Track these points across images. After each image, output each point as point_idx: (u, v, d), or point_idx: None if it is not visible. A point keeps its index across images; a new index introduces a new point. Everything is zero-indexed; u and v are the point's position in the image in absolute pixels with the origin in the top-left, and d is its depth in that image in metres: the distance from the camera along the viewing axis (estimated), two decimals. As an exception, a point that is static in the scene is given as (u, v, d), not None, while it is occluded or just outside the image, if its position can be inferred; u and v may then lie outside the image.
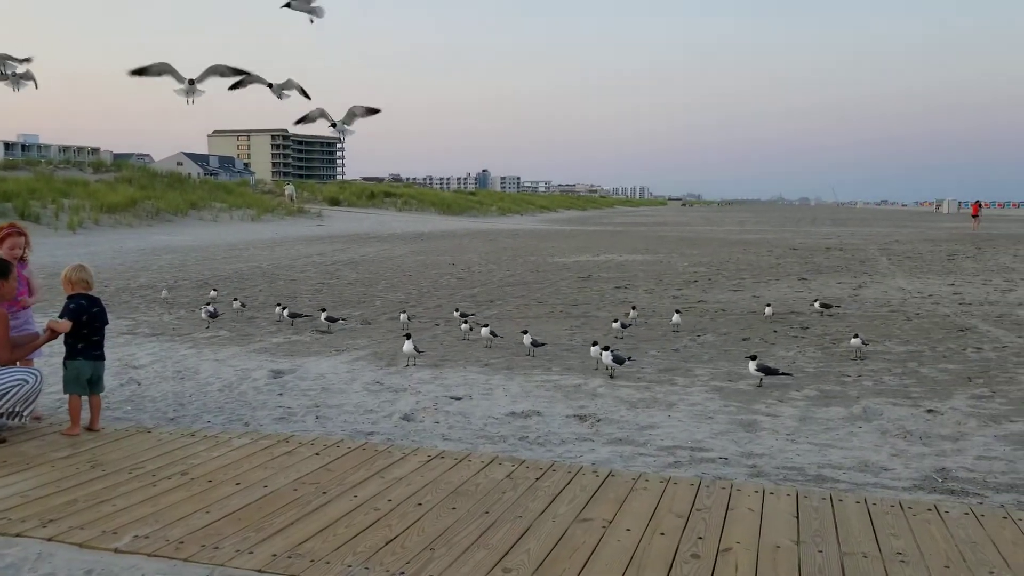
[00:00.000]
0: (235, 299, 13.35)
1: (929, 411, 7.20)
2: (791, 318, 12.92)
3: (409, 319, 12.08)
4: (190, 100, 7.75)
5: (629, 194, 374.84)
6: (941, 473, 5.61)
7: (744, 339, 11.05)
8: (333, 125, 8.48)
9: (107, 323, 6.02)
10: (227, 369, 8.83)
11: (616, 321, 11.34)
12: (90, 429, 5.68)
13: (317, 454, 5.24)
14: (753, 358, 8.36)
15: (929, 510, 4.40)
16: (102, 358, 5.92)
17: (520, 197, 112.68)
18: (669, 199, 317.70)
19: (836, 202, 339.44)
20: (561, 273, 20.26)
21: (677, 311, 12.02)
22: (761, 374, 8.21)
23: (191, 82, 7.61)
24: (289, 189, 57.38)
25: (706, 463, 5.82)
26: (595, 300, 15.17)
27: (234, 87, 8.01)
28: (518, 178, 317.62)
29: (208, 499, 4.40)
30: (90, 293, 5.95)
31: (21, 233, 6.30)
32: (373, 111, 8.62)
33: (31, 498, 4.34)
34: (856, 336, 9.73)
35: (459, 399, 7.61)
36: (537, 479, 4.81)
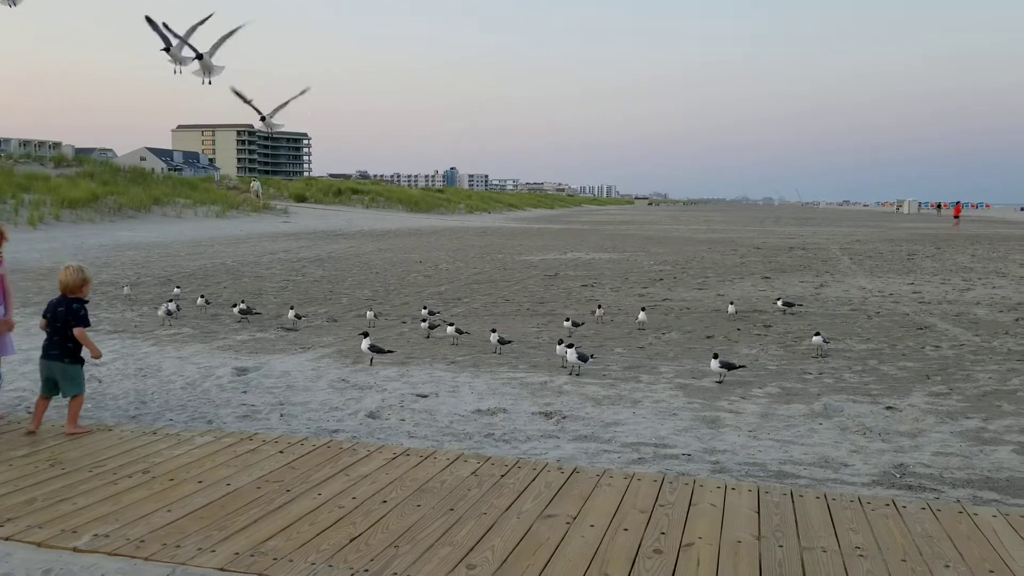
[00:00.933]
0: (201, 296, 13.21)
1: (888, 408, 7.33)
2: (754, 316, 13.07)
3: (376, 316, 12.05)
4: (178, 72, 7.70)
5: (596, 193, 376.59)
6: (899, 469, 5.71)
7: (708, 337, 11.16)
8: (263, 118, 8.40)
9: (78, 325, 5.75)
10: (190, 367, 8.74)
11: (568, 320, 11.38)
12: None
13: (281, 452, 5.21)
14: (715, 356, 8.46)
15: (887, 505, 4.49)
16: (57, 358, 5.74)
17: (488, 195, 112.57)
18: (636, 198, 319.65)
19: (799, 202, 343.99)
20: (528, 271, 20.29)
21: (643, 309, 12.09)
22: (724, 370, 8.30)
23: (200, 56, 7.58)
24: (255, 185, 56.77)
25: (670, 459, 5.88)
26: (562, 298, 15.23)
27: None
28: (486, 176, 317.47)
29: (170, 497, 4.35)
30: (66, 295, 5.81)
31: None
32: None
33: (-12, 497, 4.27)
34: (818, 334, 9.87)
35: (425, 396, 7.60)
36: (502, 476, 4.83)
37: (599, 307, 12.56)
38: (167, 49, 7.77)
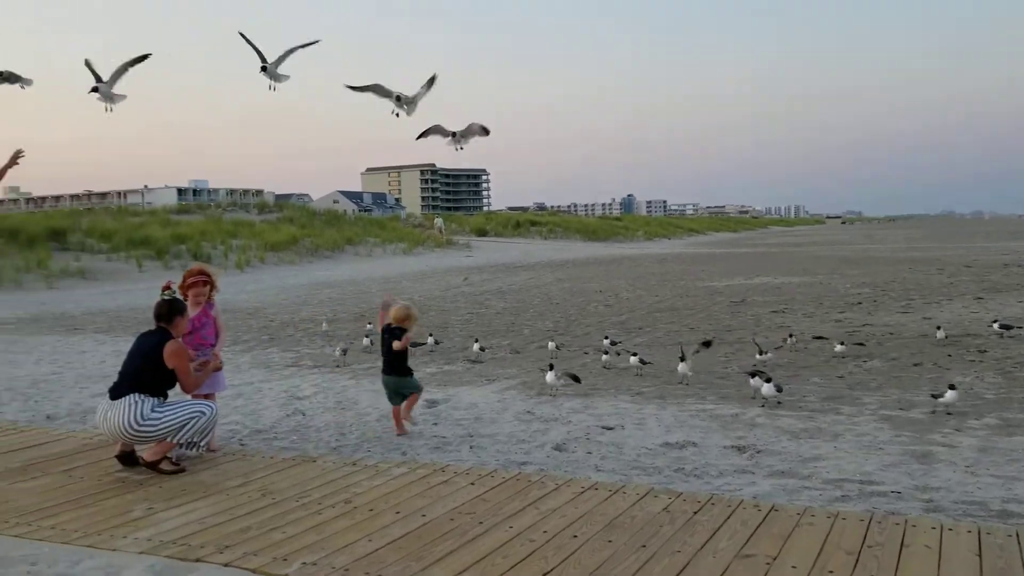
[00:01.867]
0: (368, 323, 13.77)
1: None
2: (967, 341, 12.04)
3: (558, 348, 12.10)
4: (398, 112, 8.11)
5: (783, 214, 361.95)
6: None
7: (915, 364, 10.38)
8: (453, 135, 8.55)
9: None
10: (384, 400, 9.07)
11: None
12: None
13: (472, 484, 5.29)
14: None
15: None
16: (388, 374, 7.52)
17: (667, 221, 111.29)
18: (827, 217, 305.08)
19: (1015, 215, 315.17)
20: (713, 298, 19.77)
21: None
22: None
23: (399, 98, 7.97)
24: (438, 222, 59.09)
25: (877, 497, 5.47)
26: (750, 325, 14.69)
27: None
28: (664, 202, 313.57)
29: (370, 527, 4.51)
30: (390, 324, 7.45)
31: (207, 282, 6.59)
32: (486, 131, 8.70)
33: (208, 525, 4.60)
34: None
35: (611, 429, 7.51)
36: (695, 512, 4.66)
37: (791, 335, 12.00)
38: (264, 69, 8.22)
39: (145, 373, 5.65)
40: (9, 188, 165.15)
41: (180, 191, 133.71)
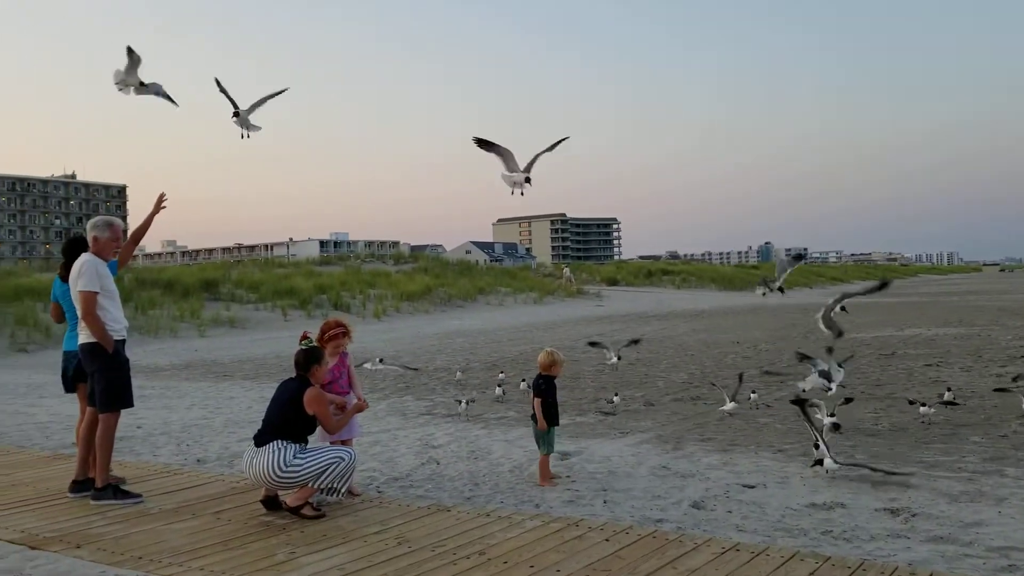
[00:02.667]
0: (522, 380, 13.82)
1: None
2: None
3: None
4: (516, 191, 7.85)
5: (935, 261, 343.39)
6: None
7: (1090, 424, 9.50)
8: (527, 178, 7.99)
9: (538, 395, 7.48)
10: (516, 450, 9.08)
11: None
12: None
13: (607, 540, 5.16)
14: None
15: None
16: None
17: (808, 269, 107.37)
18: (984, 264, 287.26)
19: None
20: (860, 350, 18.82)
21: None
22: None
23: (527, 177, 7.59)
24: (566, 271, 59.33)
25: (1053, 571, 4.98)
26: (901, 379, 13.88)
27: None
28: (805, 249, 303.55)
29: (504, 582, 4.46)
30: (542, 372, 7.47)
31: (346, 333, 6.86)
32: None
33: (348, 571, 4.66)
34: None
35: (752, 487, 7.19)
36: (847, 580, 4.37)
37: (948, 390, 11.24)
38: (236, 114, 8.09)
39: (287, 420, 5.86)
40: (166, 242, 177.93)
41: (322, 243, 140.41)
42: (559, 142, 7.58)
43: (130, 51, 7.39)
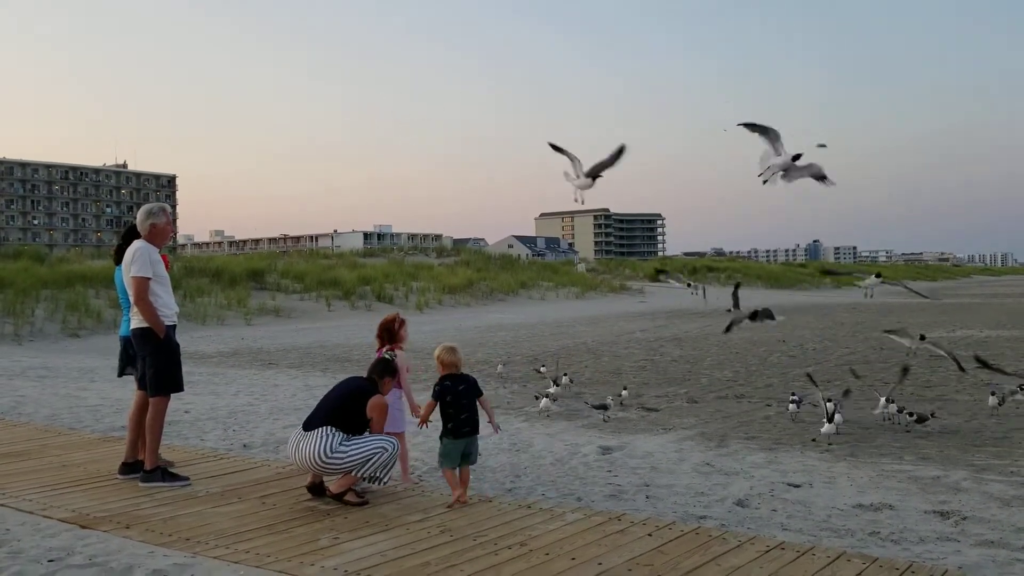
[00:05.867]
0: (564, 374, 13.79)
1: None
2: None
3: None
4: (578, 199, 7.52)
5: (989, 262, 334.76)
6: None
7: None
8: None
9: (479, 395, 6.06)
10: (558, 443, 9.06)
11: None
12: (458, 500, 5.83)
13: (649, 535, 5.11)
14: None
15: None
16: (471, 434, 5.95)
17: (857, 268, 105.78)
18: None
19: None
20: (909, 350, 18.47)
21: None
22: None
23: (593, 177, 7.23)
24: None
25: (1112, 580, 4.83)
26: (952, 382, 13.58)
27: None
28: (854, 248, 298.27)
29: (546, 572, 4.44)
30: (460, 373, 6.10)
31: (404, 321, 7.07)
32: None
33: (390, 558, 4.68)
34: None
35: (798, 486, 7.08)
36: (895, 582, 4.28)
37: (992, 393, 10.95)
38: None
39: (345, 410, 5.92)
40: (215, 232, 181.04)
41: (366, 235, 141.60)
42: (620, 154, 7.24)
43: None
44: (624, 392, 11.89)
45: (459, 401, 5.93)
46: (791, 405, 10.39)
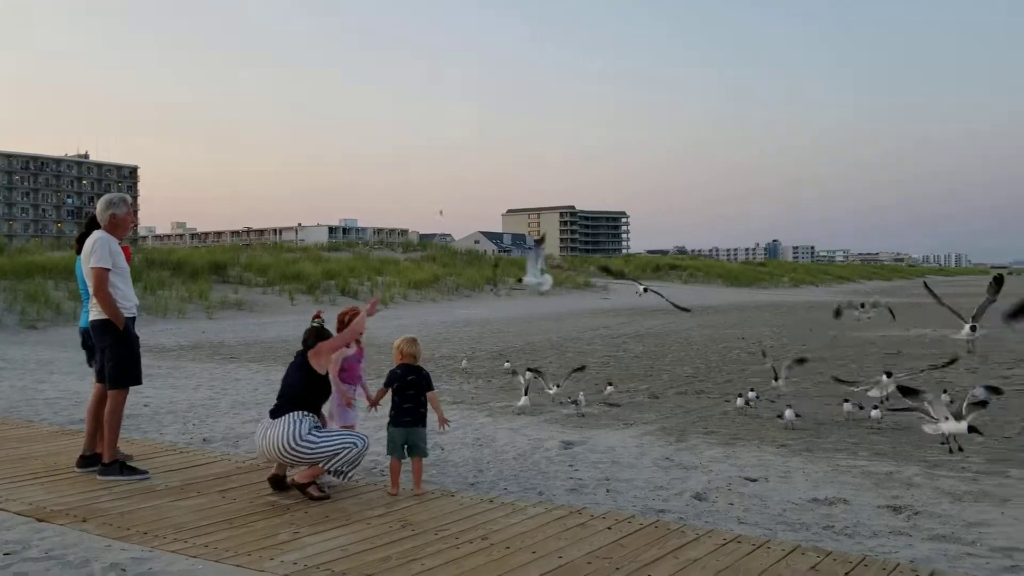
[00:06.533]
0: (528, 369, 13.84)
1: None
2: None
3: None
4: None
5: (943, 263, 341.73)
6: None
7: (1095, 428, 9.48)
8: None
9: (429, 389, 6.12)
10: (521, 438, 9.11)
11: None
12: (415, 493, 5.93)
13: (609, 528, 5.18)
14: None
15: None
16: (415, 424, 6.04)
17: (814, 267, 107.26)
18: (992, 267, 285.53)
19: None
20: (865, 348, 18.84)
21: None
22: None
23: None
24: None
25: (1054, 571, 4.99)
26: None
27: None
28: (812, 248, 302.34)
29: (506, 566, 4.48)
30: (416, 365, 6.15)
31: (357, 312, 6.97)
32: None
33: (350, 552, 4.69)
34: None
35: (755, 481, 7.21)
36: (846, 573, 4.38)
37: (944, 392, 11.19)
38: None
39: (298, 387, 5.93)
40: (176, 224, 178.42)
41: (331, 229, 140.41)
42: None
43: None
44: (609, 388, 11.86)
45: (405, 391, 6.03)
46: (738, 399, 10.60)
